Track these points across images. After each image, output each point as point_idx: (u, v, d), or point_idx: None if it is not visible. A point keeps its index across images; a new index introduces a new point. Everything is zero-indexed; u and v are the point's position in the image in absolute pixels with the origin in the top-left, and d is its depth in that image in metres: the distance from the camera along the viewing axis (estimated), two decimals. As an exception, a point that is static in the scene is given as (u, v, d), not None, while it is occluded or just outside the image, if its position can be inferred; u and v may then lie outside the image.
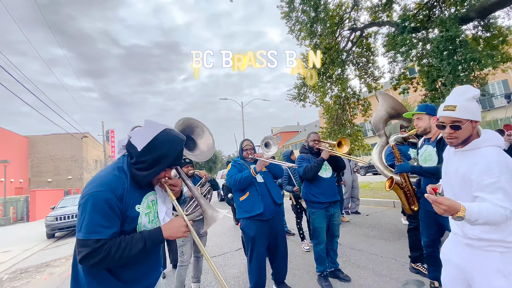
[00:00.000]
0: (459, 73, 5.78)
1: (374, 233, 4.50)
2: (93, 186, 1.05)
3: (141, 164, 1.11)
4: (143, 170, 1.11)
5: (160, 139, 1.12)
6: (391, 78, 8.97)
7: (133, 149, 1.13)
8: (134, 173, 1.12)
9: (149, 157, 1.11)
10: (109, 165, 1.19)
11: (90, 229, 0.99)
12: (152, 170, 1.12)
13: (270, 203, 2.52)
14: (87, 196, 1.03)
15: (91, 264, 1.00)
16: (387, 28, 8.99)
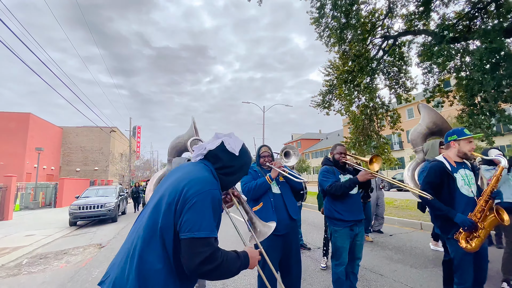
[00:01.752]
0: (504, 89, 5.26)
1: (398, 257, 4.14)
2: (206, 184, 1.01)
3: (228, 169, 1.18)
4: (230, 175, 1.19)
5: (244, 149, 1.24)
6: (424, 90, 8.43)
7: (224, 153, 1.19)
8: (222, 178, 1.16)
9: (237, 162, 1.19)
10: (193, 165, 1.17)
11: (211, 227, 0.95)
12: (237, 176, 1.22)
13: (285, 217, 2.34)
14: (204, 193, 0.97)
15: (205, 271, 0.91)
16: (423, 37, 8.49)
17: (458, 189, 2.10)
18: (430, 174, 2.19)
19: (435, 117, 2.94)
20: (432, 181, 2.16)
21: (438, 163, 2.19)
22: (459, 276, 2.05)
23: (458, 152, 2.17)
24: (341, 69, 9.92)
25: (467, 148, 2.14)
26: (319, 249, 4.75)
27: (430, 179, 2.18)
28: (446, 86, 10.08)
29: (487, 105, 5.33)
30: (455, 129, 2.28)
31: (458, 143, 2.17)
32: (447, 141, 2.24)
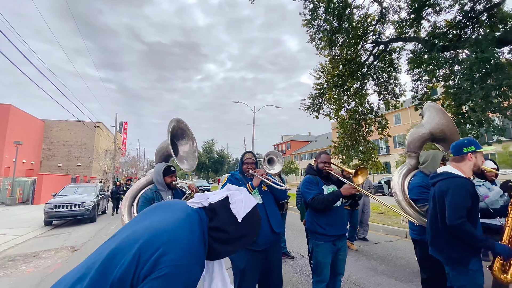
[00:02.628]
0: (492, 99, 5.28)
1: (382, 268, 4.03)
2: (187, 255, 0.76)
3: (222, 234, 0.90)
4: (222, 243, 0.90)
5: (252, 215, 0.94)
6: (413, 97, 8.47)
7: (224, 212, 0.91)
8: (211, 244, 0.89)
9: (236, 231, 0.91)
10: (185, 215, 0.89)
11: None
12: (231, 247, 0.92)
13: (266, 230, 2.14)
14: (180, 266, 0.73)
15: None
16: (414, 45, 8.53)
17: (477, 212, 1.86)
18: (464, 196, 1.76)
19: (446, 122, 2.51)
20: (466, 205, 1.75)
21: (467, 181, 1.83)
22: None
23: (474, 166, 1.90)
24: (332, 73, 9.86)
25: (480, 162, 1.92)
26: (303, 258, 4.59)
27: (464, 201, 1.75)
28: (434, 94, 10.20)
29: (475, 115, 5.34)
30: (470, 139, 1.95)
31: (475, 155, 1.89)
32: (462, 152, 1.90)
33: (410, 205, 2.47)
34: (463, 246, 1.79)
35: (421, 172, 2.52)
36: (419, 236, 2.47)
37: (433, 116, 2.59)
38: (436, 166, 2.38)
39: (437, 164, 2.41)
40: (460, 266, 1.82)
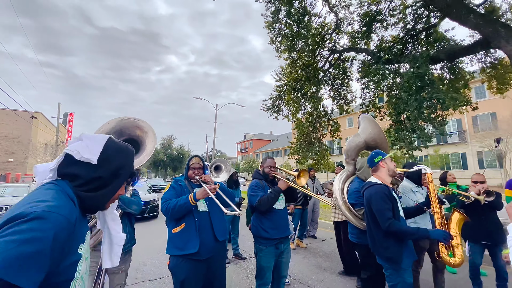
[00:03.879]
0: (424, 110, 5.99)
1: (327, 265, 4.29)
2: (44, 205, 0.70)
3: (96, 182, 0.89)
4: (101, 188, 0.90)
5: (112, 148, 0.94)
6: (361, 104, 9.19)
7: (77, 167, 0.88)
8: (88, 196, 0.88)
9: (105, 171, 0.90)
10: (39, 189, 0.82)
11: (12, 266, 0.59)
12: (111, 186, 0.93)
13: (210, 239, 2.08)
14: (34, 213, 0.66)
15: None
16: (364, 56, 9.24)
17: (399, 210, 2.09)
18: (385, 200, 1.99)
19: (376, 132, 2.85)
20: (388, 206, 1.99)
21: (382, 187, 2.07)
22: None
23: (389, 171, 2.16)
24: (291, 76, 10.19)
25: (392, 165, 2.18)
26: (254, 258, 4.65)
27: (384, 204, 1.99)
28: (380, 102, 11.22)
29: (410, 123, 6.01)
30: (376, 151, 2.25)
31: (385, 162, 2.17)
32: (374, 164, 2.19)
33: (349, 209, 2.66)
34: (395, 247, 1.98)
35: (358, 178, 2.73)
36: (357, 239, 2.68)
37: (366, 127, 2.88)
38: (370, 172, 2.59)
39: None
40: (394, 265, 2.00)
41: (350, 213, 2.62)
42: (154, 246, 5.45)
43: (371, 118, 2.91)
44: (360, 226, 2.54)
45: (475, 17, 5.72)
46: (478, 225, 2.84)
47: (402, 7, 8.43)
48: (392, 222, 1.93)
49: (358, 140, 2.92)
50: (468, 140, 21.91)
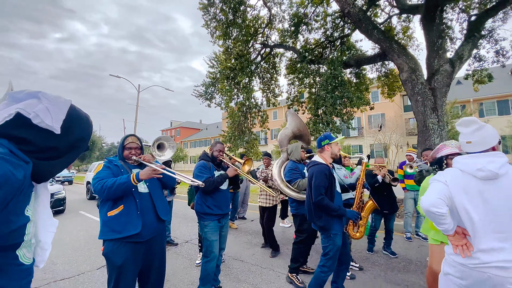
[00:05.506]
0: (337, 106, 7.10)
1: (256, 241, 4.71)
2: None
3: (50, 152, 0.81)
4: (53, 158, 0.83)
5: (75, 116, 0.86)
6: (287, 98, 10.07)
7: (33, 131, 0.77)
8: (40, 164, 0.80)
9: (64, 141, 0.83)
10: None
11: None
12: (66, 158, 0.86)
13: (152, 220, 2.02)
14: None
15: None
16: (291, 54, 10.10)
17: (335, 188, 2.47)
18: (321, 177, 2.32)
19: (300, 124, 3.50)
20: (324, 185, 2.32)
21: (324, 166, 2.38)
22: (331, 264, 2.38)
23: (332, 154, 2.50)
24: (225, 64, 10.21)
25: (336, 149, 2.54)
26: (187, 243, 4.67)
27: (322, 182, 2.31)
28: (302, 98, 12.55)
29: (326, 117, 7.04)
30: (326, 134, 2.56)
31: (330, 146, 2.50)
32: (321, 145, 2.52)
33: (287, 186, 3.14)
34: (326, 216, 2.38)
35: (291, 160, 3.24)
36: (295, 211, 3.17)
37: (291, 120, 3.53)
38: (298, 153, 3.17)
39: (298, 152, 3.20)
40: (325, 231, 2.41)
41: (288, 189, 3.10)
42: (65, 243, 4.77)
43: (294, 113, 3.56)
44: (298, 198, 3.04)
45: (378, 32, 7.07)
46: (382, 198, 3.72)
47: (324, 15, 9.56)
48: (323, 198, 2.31)
49: (287, 132, 3.54)
50: (364, 135, 26.91)
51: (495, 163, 1.36)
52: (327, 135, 2.57)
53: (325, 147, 2.53)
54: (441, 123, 6.11)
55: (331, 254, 2.37)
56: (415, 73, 6.35)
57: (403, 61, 6.43)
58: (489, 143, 1.47)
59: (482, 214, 1.38)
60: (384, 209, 3.77)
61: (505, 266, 1.30)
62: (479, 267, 1.37)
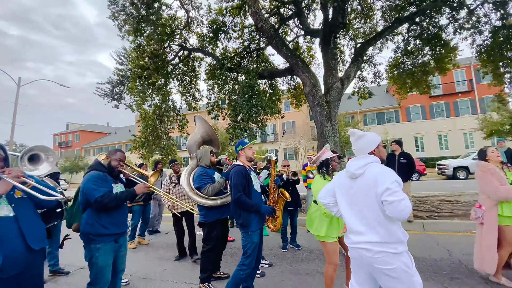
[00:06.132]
0: (252, 114, 7.50)
1: (169, 255, 4.43)
2: None
3: None
4: None
5: None
6: (207, 104, 10.01)
7: None
8: None
9: None
10: None
11: None
12: None
13: (19, 250, 1.61)
14: None
15: None
16: (211, 59, 10.11)
17: (253, 186, 2.66)
18: (238, 176, 2.53)
19: (208, 129, 3.46)
20: (241, 183, 2.52)
21: (241, 167, 2.61)
22: (250, 261, 2.53)
23: (246, 157, 2.74)
24: (137, 62, 9.31)
25: (250, 152, 2.77)
26: (82, 269, 3.94)
27: (239, 181, 2.52)
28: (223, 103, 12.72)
29: (243, 123, 7.34)
30: (239, 141, 2.83)
31: (244, 150, 2.74)
32: (237, 151, 2.78)
33: (197, 194, 3.04)
34: (245, 213, 2.54)
35: (200, 166, 3.17)
36: (204, 219, 3.09)
37: (200, 126, 3.51)
38: (208, 158, 3.15)
39: (208, 157, 3.17)
40: (245, 228, 2.57)
41: (198, 196, 2.99)
42: None
43: (202, 118, 3.54)
44: (208, 204, 2.96)
45: (286, 49, 7.88)
46: None
47: (241, 26, 10.02)
48: (241, 195, 2.49)
49: (195, 137, 3.47)
50: (279, 140, 29.45)
51: (355, 166, 1.72)
52: (240, 142, 2.81)
53: (240, 152, 2.76)
54: (334, 130, 7.30)
55: (249, 251, 2.52)
56: (315, 88, 7.38)
57: (306, 77, 7.38)
58: (367, 149, 1.81)
59: (349, 204, 1.77)
60: (289, 206, 4.19)
61: (368, 248, 1.64)
62: (353, 246, 1.74)
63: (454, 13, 7.98)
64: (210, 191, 2.93)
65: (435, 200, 6.90)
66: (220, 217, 3.07)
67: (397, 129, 25.69)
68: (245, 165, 2.70)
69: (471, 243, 4.04)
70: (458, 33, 8.18)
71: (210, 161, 3.15)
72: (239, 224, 2.61)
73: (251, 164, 2.92)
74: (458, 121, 23.81)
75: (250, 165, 2.82)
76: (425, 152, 24.61)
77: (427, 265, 3.38)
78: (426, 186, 11.52)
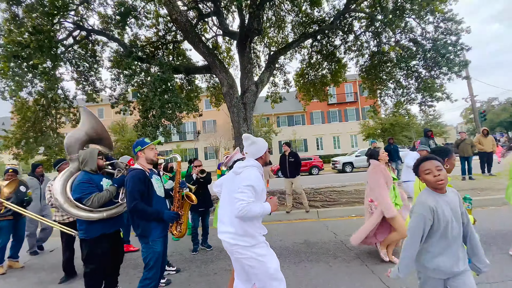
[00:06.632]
0: (166, 110, 7.02)
1: (53, 277, 3.64)
2: None
3: None
4: None
5: None
6: (110, 96, 8.76)
7: None
8: None
9: None
10: None
11: None
12: None
13: None
14: None
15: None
16: (117, 45, 8.87)
17: (155, 191, 2.39)
18: (136, 183, 2.26)
19: (97, 124, 2.86)
20: (139, 189, 2.26)
21: (139, 171, 2.33)
22: (155, 273, 2.29)
23: (147, 160, 2.45)
24: (11, 37, 7.25)
25: (152, 154, 2.47)
26: None
27: (138, 187, 2.26)
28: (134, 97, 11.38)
29: (154, 120, 6.78)
30: (138, 141, 2.51)
31: (143, 152, 2.44)
32: (135, 152, 2.47)
33: (76, 206, 2.45)
34: (143, 222, 2.28)
35: (83, 171, 2.57)
36: (84, 235, 2.53)
37: (86, 120, 2.87)
38: (94, 161, 2.57)
39: (94, 160, 2.58)
40: (144, 239, 2.31)
41: (76, 209, 2.43)
42: None
43: (89, 111, 2.92)
44: (90, 218, 2.44)
45: (203, 46, 7.73)
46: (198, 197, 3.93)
47: (155, 14, 9.22)
48: (137, 203, 2.21)
49: (78, 134, 2.78)
50: (200, 139, 28.81)
51: (239, 165, 2.07)
52: (139, 142, 2.51)
53: (139, 154, 2.46)
54: (249, 131, 7.67)
55: (152, 263, 2.29)
56: (232, 89, 7.56)
57: (223, 77, 7.46)
58: (256, 154, 2.10)
59: (226, 196, 2.10)
60: (199, 207, 4.10)
61: (226, 240, 1.96)
62: (219, 235, 2.05)
63: (345, 36, 9.68)
64: (95, 201, 2.42)
65: (328, 191, 8.21)
66: (107, 231, 2.56)
67: (303, 130, 29.39)
68: (145, 169, 2.42)
69: (351, 226, 5.01)
70: (347, 53, 9.97)
71: (97, 164, 2.60)
72: (137, 235, 2.35)
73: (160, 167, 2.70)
74: (347, 125, 29.41)
75: (151, 167, 2.53)
76: (323, 150, 29.08)
77: (318, 248, 3.96)
78: (323, 179, 13.58)
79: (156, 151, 2.56)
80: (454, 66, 7.62)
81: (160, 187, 2.52)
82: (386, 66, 9.20)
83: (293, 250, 3.97)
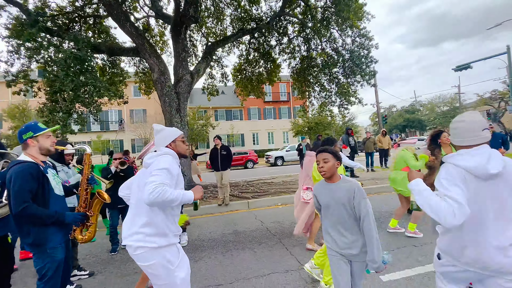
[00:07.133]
0: (80, 94, 6.07)
1: None
2: None
3: None
4: None
5: None
6: (6, 72, 7.07)
7: None
8: None
9: None
10: None
11: None
12: None
13: None
14: None
15: None
16: (18, 11, 7.15)
17: (52, 189, 1.94)
18: (27, 179, 1.78)
19: None
20: (30, 188, 1.78)
21: (32, 164, 1.85)
22: (53, 285, 1.90)
23: (41, 149, 1.96)
24: None
25: (48, 143, 1.99)
26: None
27: (26, 185, 1.77)
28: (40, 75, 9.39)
29: (65, 104, 5.79)
30: (27, 125, 1.98)
31: (36, 140, 1.95)
32: (23, 140, 1.93)
33: None
34: (36, 228, 1.82)
35: None
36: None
37: None
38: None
39: None
40: (39, 248, 1.86)
41: None
42: None
43: None
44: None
45: (131, 26, 6.96)
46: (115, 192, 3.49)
47: (69, -21, 7.82)
48: (27, 206, 1.75)
49: None
50: (126, 129, 26.04)
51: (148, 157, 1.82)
52: (29, 126, 1.99)
53: (29, 142, 1.94)
54: (183, 122, 7.36)
55: (50, 273, 1.88)
56: (164, 76, 7.08)
57: (154, 62, 6.91)
58: (162, 143, 1.89)
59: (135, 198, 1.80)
60: (119, 203, 3.68)
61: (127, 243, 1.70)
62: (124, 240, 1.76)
63: (280, 38, 10.23)
64: None
65: (259, 182, 8.64)
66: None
67: (241, 125, 29.95)
68: (37, 161, 1.95)
69: (277, 213, 5.42)
70: (282, 54, 10.58)
71: None
72: (27, 244, 1.90)
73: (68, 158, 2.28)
74: (280, 122, 31.47)
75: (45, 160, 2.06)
76: (259, 145, 30.39)
77: (245, 236, 4.15)
78: (257, 172, 14.22)
79: (53, 140, 2.09)
80: (366, 75, 9.00)
81: (58, 183, 2.11)
82: (313, 70, 10.16)
83: (221, 240, 4.04)
